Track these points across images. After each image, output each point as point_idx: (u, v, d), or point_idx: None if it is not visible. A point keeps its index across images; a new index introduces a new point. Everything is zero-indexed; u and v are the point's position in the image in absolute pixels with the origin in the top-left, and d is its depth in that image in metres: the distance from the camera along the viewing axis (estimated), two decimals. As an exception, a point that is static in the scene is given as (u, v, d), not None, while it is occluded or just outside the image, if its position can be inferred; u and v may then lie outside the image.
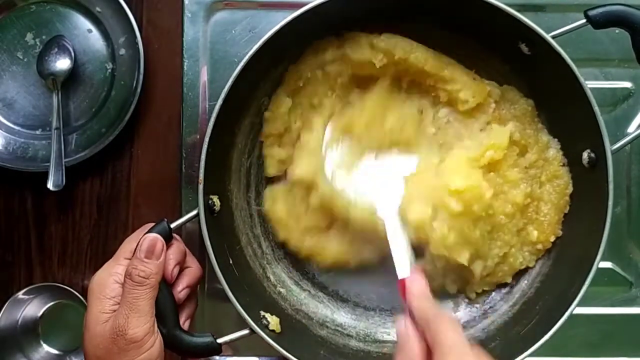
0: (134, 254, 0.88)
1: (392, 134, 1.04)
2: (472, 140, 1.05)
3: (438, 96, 1.06)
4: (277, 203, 1.08)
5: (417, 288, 0.83)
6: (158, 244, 0.89)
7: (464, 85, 1.04)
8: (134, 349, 0.84)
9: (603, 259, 0.93)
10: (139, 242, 0.89)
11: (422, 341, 0.76)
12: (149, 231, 0.90)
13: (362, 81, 1.07)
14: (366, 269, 1.08)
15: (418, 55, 1.02)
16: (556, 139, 1.05)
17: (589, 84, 0.93)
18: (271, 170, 1.09)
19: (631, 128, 1.13)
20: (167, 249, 0.91)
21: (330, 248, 1.06)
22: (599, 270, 0.93)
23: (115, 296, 0.87)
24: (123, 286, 0.87)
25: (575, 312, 0.93)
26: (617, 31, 0.95)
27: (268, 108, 1.07)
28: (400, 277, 0.87)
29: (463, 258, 0.98)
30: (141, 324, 0.85)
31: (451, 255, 0.98)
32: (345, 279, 1.11)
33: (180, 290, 0.93)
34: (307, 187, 1.04)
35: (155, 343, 0.87)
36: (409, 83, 1.07)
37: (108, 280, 0.88)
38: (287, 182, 1.08)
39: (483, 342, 1.03)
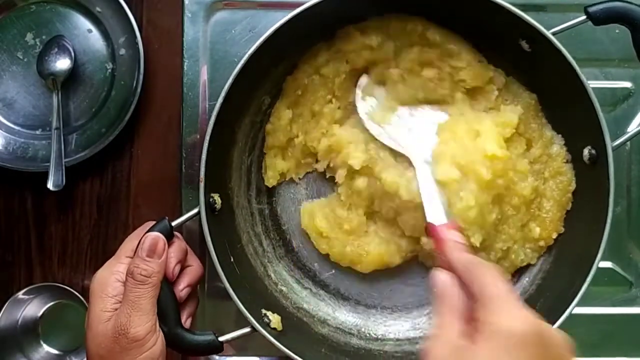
0: (135, 252, 0.88)
1: (428, 86, 1.04)
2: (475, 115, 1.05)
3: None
4: (315, 218, 1.08)
5: (454, 235, 0.83)
6: (160, 243, 0.89)
7: (468, 63, 1.03)
8: (136, 347, 0.84)
9: (603, 258, 0.93)
10: (141, 240, 0.89)
11: (462, 289, 0.73)
12: (151, 229, 0.90)
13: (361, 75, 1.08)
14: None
15: (416, 24, 1.03)
16: (560, 135, 1.05)
17: (589, 84, 0.93)
18: (272, 181, 1.09)
19: (631, 128, 1.13)
20: (169, 247, 0.91)
21: (371, 250, 1.06)
22: (599, 270, 0.94)
23: (117, 295, 0.87)
24: (125, 285, 0.86)
25: (575, 312, 0.93)
26: (617, 31, 0.96)
27: (269, 120, 1.08)
28: (429, 220, 0.89)
29: (476, 240, 0.98)
30: (143, 322, 0.85)
31: (467, 233, 0.97)
32: (347, 277, 1.11)
33: (182, 288, 0.93)
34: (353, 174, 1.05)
35: (157, 342, 0.87)
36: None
37: (109, 278, 0.88)
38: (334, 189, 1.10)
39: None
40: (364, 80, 1.06)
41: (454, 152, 0.99)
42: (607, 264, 1.13)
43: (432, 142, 1.01)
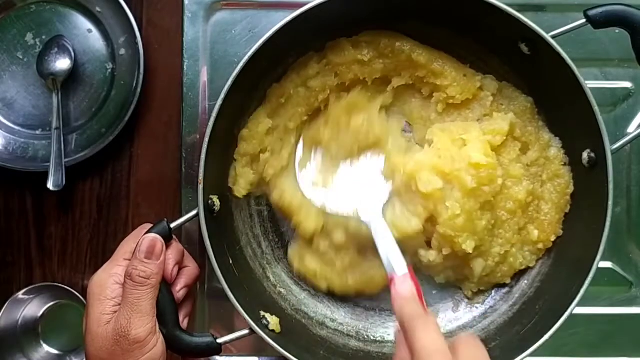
0: (133, 254, 0.88)
1: (358, 136, 1.03)
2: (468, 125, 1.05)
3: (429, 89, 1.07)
4: (305, 259, 1.07)
5: (404, 289, 0.81)
6: (158, 245, 0.89)
7: (453, 80, 1.04)
8: (137, 349, 0.85)
9: (603, 259, 0.93)
10: (139, 242, 0.89)
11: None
12: (149, 231, 0.90)
13: (346, 92, 1.07)
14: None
15: (404, 43, 1.03)
16: (557, 138, 1.04)
17: (589, 84, 0.93)
18: (242, 192, 1.06)
19: (631, 128, 1.13)
20: (167, 249, 0.91)
21: (375, 275, 1.05)
22: (599, 270, 0.94)
23: (116, 297, 0.87)
24: (124, 287, 0.87)
25: (575, 312, 0.93)
26: (617, 31, 0.95)
27: (246, 126, 1.06)
28: (389, 276, 0.85)
29: (468, 246, 0.98)
30: (143, 324, 0.85)
31: (457, 240, 0.98)
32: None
33: (179, 289, 0.93)
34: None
35: (158, 343, 0.87)
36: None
37: (108, 281, 0.88)
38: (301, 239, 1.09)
39: (483, 342, 1.02)
40: (300, 148, 1.06)
41: (436, 162, 0.99)
42: (607, 264, 1.13)
43: (380, 191, 1.02)
